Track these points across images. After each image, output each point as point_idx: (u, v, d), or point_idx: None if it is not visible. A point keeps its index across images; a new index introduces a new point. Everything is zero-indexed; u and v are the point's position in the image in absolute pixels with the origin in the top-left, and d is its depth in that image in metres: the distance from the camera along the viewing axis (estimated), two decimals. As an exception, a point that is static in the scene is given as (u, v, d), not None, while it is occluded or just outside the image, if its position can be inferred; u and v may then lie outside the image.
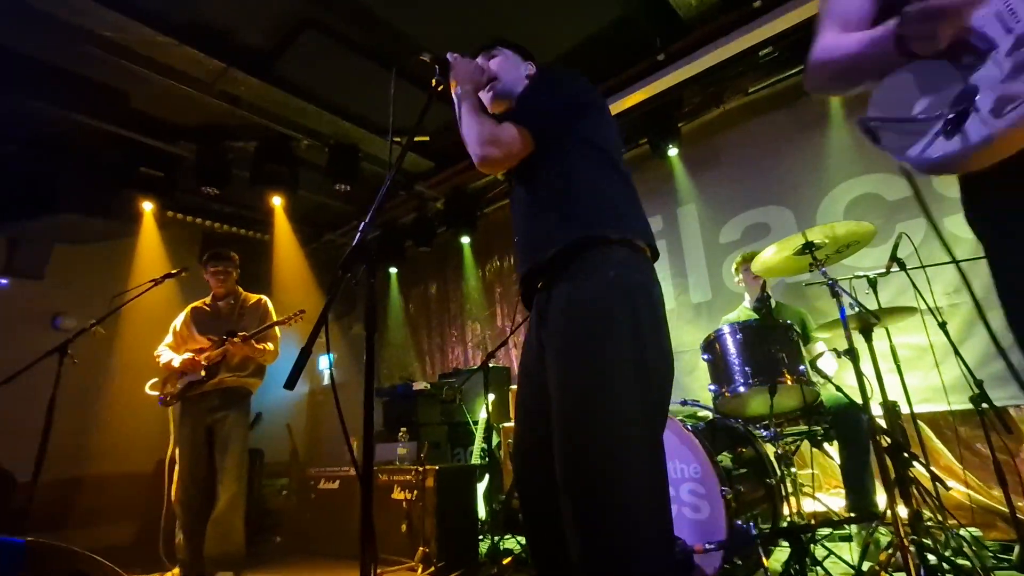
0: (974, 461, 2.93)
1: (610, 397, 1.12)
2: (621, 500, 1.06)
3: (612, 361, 1.14)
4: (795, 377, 2.23)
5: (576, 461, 1.11)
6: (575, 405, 1.15)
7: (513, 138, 1.33)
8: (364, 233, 1.23)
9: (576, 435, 1.13)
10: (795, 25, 3.33)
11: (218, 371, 3.09)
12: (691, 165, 4.39)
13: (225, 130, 4.38)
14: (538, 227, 1.35)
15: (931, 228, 3.28)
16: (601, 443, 1.10)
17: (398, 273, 6.58)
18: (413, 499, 3.26)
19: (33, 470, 2.38)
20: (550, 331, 1.26)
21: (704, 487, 2.01)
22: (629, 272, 1.23)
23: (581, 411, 1.14)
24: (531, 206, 1.39)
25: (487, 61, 1.59)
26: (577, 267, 1.24)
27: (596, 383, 1.13)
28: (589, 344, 1.16)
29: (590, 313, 1.19)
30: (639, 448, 1.10)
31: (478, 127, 1.35)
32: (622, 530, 1.05)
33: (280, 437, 5.40)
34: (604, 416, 1.11)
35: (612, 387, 1.12)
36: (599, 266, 1.23)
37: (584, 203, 1.30)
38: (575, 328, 1.20)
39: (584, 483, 1.09)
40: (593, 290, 1.20)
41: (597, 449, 1.10)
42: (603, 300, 1.19)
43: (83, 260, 4.93)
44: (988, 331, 1.18)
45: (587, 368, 1.15)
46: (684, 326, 4.16)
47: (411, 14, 3.48)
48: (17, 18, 3.14)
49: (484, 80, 1.52)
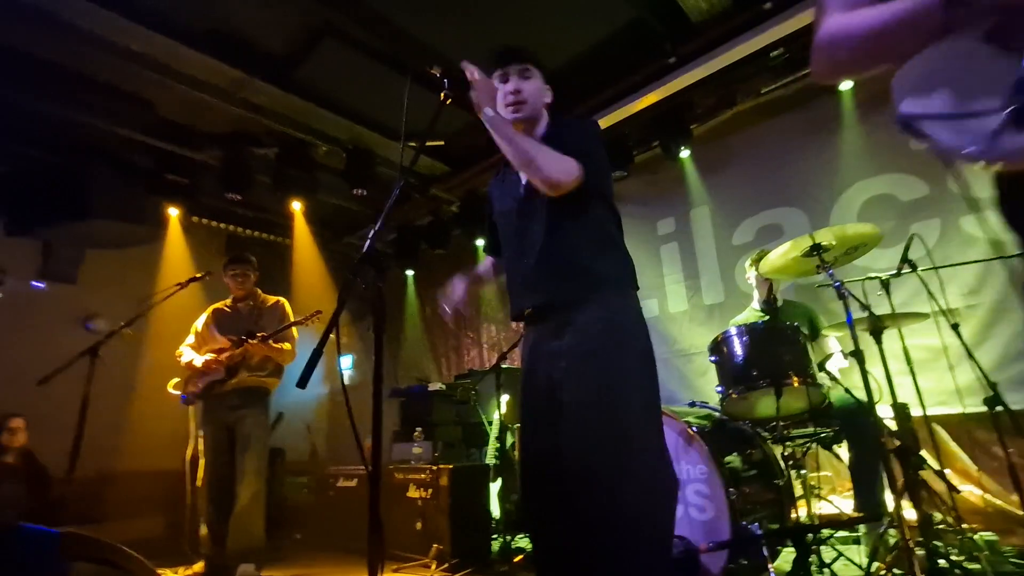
0: (991, 465, 2.89)
1: (630, 434, 1.34)
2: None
3: (632, 401, 1.37)
4: (802, 379, 2.23)
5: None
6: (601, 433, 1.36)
7: (575, 171, 1.45)
8: (373, 240, 1.30)
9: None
10: (806, 26, 3.32)
11: (238, 371, 3.19)
12: (703, 167, 4.39)
13: (247, 137, 4.52)
14: (564, 257, 1.50)
15: (947, 228, 3.25)
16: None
17: (415, 275, 6.67)
18: (428, 497, 3.34)
19: (68, 466, 2.51)
20: (573, 350, 1.42)
21: (709, 488, 2.03)
22: (638, 315, 1.51)
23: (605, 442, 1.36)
24: (563, 244, 1.51)
25: (521, 81, 1.59)
26: (596, 306, 1.45)
27: (620, 418, 1.35)
28: (611, 385, 1.37)
29: (611, 354, 1.39)
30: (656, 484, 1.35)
31: (546, 154, 1.45)
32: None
33: (301, 436, 5.54)
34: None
35: (631, 420, 1.34)
36: (615, 309, 1.46)
37: (612, 256, 1.53)
38: (599, 367, 1.38)
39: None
40: (610, 331, 1.41)
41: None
42: (622, 343, 1.42)
43: (113, 264, 5.12)
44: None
45: (609, 406, 1.35)
46: (696, 328, 4.17)
47: (426, 20, 3.55)
48: (51, 33, 3.29)
49: (522, 112, 1.58)
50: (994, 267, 3.03)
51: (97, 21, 3.24)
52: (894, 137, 3.52)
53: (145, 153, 4.44)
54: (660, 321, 4.41)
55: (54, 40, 3.40)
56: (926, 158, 3.40)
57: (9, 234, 4.71)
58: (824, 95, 3.72)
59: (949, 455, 3.00)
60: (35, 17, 3.17)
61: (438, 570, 2.99)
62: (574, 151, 1.47)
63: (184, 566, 3.19)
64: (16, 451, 3.79)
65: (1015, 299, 2.99)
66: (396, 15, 3.52)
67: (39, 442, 3.87)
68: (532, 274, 1.52)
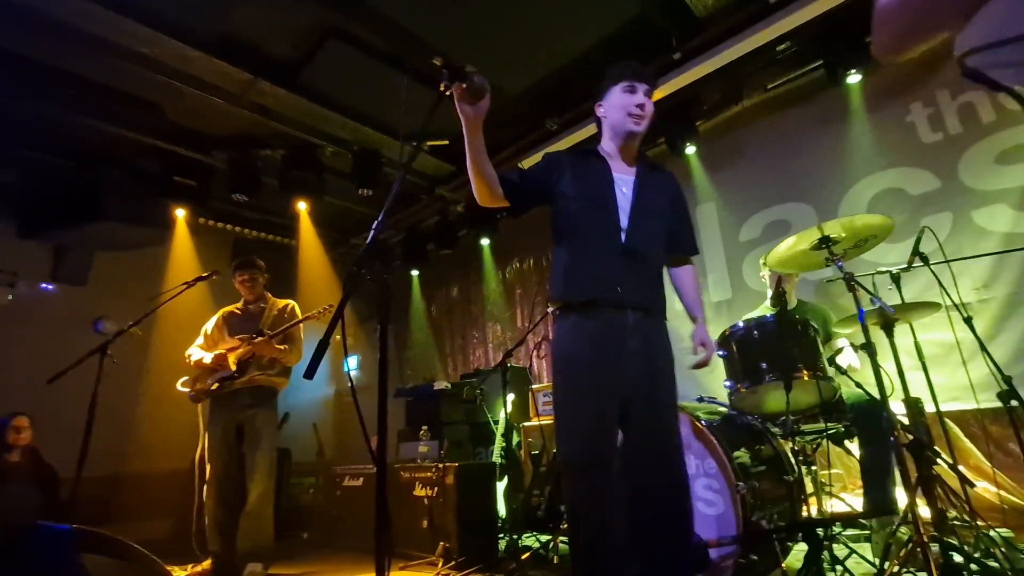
0: (1006, 461, 2.84)
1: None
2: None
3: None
4: (811, 372, 2.20)
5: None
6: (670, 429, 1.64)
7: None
8: (377, 232, 1.29)
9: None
10: (812, 19, 3.30)
11: (248, 369, 3.21)
12: (709, 163, 4.36)
13: (254, 139, 4.55)
14: (654, 279, 1.75)
15: (958, 222, 3.20)
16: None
17: (420, 276, 6.68)
18: (434, 496, 3.32)
19: (77, 466, 2.52)
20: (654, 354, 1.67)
21: (719, 482, 2.01)
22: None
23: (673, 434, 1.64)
24: (650, 261, 1.74)
25: (647, 100, 1.77)
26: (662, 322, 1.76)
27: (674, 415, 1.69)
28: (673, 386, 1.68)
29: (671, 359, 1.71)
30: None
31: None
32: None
33: (308, 437, 5.55)
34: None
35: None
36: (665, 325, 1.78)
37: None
38: (669, 368, 1.69)
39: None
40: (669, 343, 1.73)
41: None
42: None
43: (122, 267, 5.17)
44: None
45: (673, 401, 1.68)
46: (704, 325, 4.13)
47: (431, 20, 3.56)
48: (61, 38, 3.33)
49: (641, 127, 1.75)
50: (1007, 260, 2.98)
51: (108, 26, 3.28)
52: (904, 130, 3.51)
53: (154, 156, 4.48)
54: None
55: (66, 46, 3.44)
56: (936, 151, 3.37)
57: (21, 237, 4.76)
58: (831, 89, 3.69)
59: (963, 451, 2.96)
60: (47, 24, 3.21)
61: (445, 568, 2.98)
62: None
63: (192, 564, 3.20)
64: (21, 450, 3.82)
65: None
66: (401, 16, 3.53)
67: (48, 443, 3.90)
68: (622, 270, 1.66)
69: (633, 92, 1.72)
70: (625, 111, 1.70)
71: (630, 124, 1.70)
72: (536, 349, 5.21)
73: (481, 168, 1.60)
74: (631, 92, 1.72)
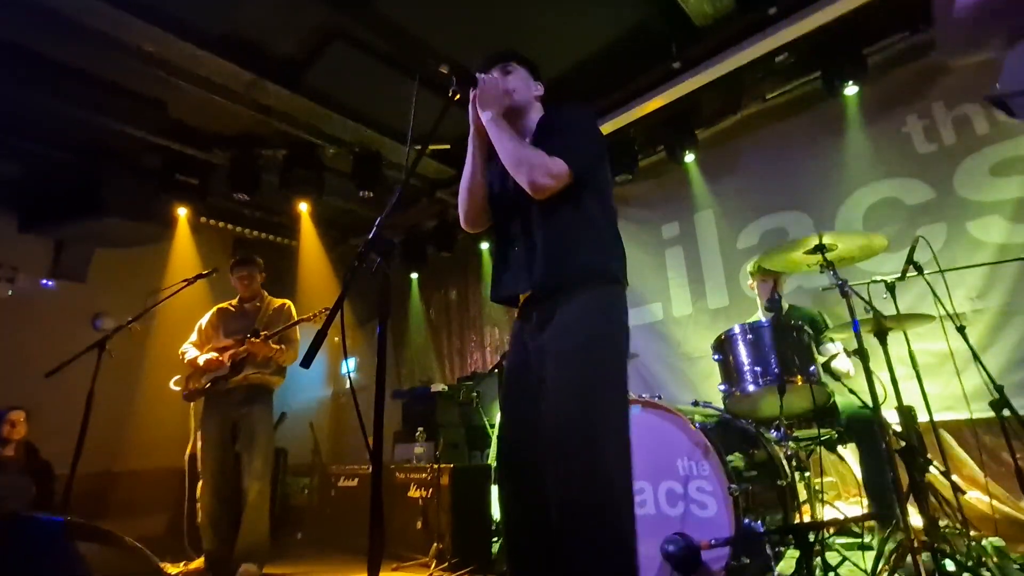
0: (999, 471, 2.86)
1: (599, 416, 1.36)
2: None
3: (607, 395, 1.40)
4: (805, 377, 2.22)
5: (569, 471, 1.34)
6: (569, 425, 1.37)
7: (564, 173, 1.47)
8: (380, 226, 1.31)
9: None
10: (811, 31, 3.34)
11: (243, 367, 3.21)
12: (708, 171, 4.40)
13: (256, 138, 4.58)
14: (555, 255, 1.50)
15: (953, 232, 3.24)
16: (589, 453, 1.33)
17: (419, 278, 6.70)
18: (428, 497, 3.33)
19: (72, 461, 2.52)
20: (548, 356, 1.45)
21: (711, 484, 2.02)
22: (620, 309, 1.52)
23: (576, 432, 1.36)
24: (548, 233, 1.52)
25: (504, 76, 1.66)
26: (579, 296, 1.47)
27: (588, 403, 1.38)
28: (590, 376, 1.40)
29: (597, 351, 1.42)
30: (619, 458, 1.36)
31: (532, 157, 1.48)
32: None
33: (304, 438, 5.54)
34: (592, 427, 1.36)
35: (599, 408, 1.37)
36: (597, 299, 1.47)
37: (600, 247, 1.53)
38: (581, 360, 1.41)
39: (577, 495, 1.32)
40: (592, 322, 1.44)
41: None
42: (609, 340, 1.45)
43: (121, 264, 5.17)
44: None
45: (586, 400, 1.38)
46: (701, 332, 4.15)
47: (435, 25, 3.61)
48: (66, 34, 3.36)
49: (507, 102, 1.60)
50: (1001, 271, 3.01)
51: (115, 23, 3.30)
52: (899, 141, 3.55)
53: (156, 153, 4.50)
54: (664, 324, 4.40)
55: (71, 42, 3.46)
56: (931, 162, 3.41)
57: (23, 231, 4.78)
58: (829, 99, 3.73)
59: (956, 461, 2.97)
60: (53, 20, 3.24)
61: (438, 569, 2.98)
62: (560, 148, 1.49)
63: (185, 562, 3.19)
64: (16, 443, 3.82)
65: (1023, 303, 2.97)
66: (405, 20, 3.57)
67: (44, 438, 3.89)
68: (519, 262, 1.55)
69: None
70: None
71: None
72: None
73: (474, 184, 1.64)
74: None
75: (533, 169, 1.46)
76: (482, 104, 1.54)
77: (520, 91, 1.66)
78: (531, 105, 1.69)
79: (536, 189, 1.47)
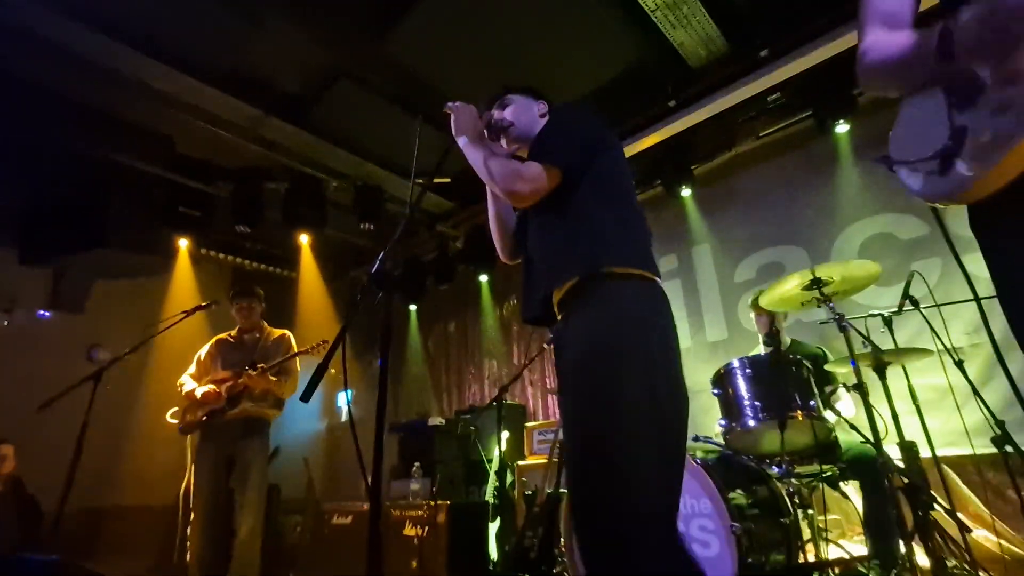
0: (1005, 510, 2.80)
1: (622, 437, 1.14)
2: (635, 553, 1.07)
3: (624, 399, 1.17)
4: (806, 413, 2.21)
5: (588, 499, 1.17)
6: (587, 441, 1.21)
7: (538, 174, 1.40)
8: (383, 261, 1.31)
9: (589, 471, 1.19)
10: (801, 72, 3.45)
11: (240, 400, 3.18)
12: (705, 205, 4.47)
13: (260, 172, 4.66)
14: (555, 258, 1.43)
15: (947, 267, 3.27)
16: (612, 475, 1.13)
17: (418, 310, 6.70)
18: (424, 535, 3.25)
19: (60, 497, 2.46)
20: (567, 365, 1.34)
21: (713, 523, 1.98)
22: (639, 306, 1.29)
23: (593, 449, 1.19)
24: (546, 237, 1.47)
25: (501, 111, 1.68)
26: (590, 301, 1.31)
27: (609, 424, 1.16)
28: (602, 382, 1.20)
29: (603, 349, 1.23)
30: (648, 480, 1.12)
31: (500, 165, 1.45)
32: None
33: (297, 474, 5.42)
34: (616, 455, 1.14)
35: (623, 427, 1.15)
36: (610, 300, 1.28)
37: (597, 238, 1.37)
38: (589, 365, 1.24)
39: (597, 523, 1.13)
40: (605, 325, 1.26)
41: (607, 478, 1.13)
42: (615, 335, 1.24)
43: (120, 295, 5.16)
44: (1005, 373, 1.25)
45: (599, 407, 1.19)
46: (700, 365, 4.13)
47: (437, 65, 3.73)
48: (79, 71, 3.45)
49: (483, 125, 1.61)
50: (997, 306, 3.02)
51: (127, 62, 3.41)
52: (890, 178, 3.61)
53: (160, 186, 4.56)
54: (663, 358, 4.37)
55: (85, 79, 3.56)
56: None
57: (23, 263, 4.79)
58: (821, 137, 3.83)
59: (962, 499, 2.92)
60: (69, 58, 3.33)
61: (434, 612, 2.88)
62: (542, 152, 1.45)
63: (172, 602, 3.09)
64: (4, 479, 3.74)
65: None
66: (409, 60, 3.69)
67: (34, 473, 3.81)
68: (531, 280, 1.51)
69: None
70: (492, 136, 1.71)
71: (507, 142, 1.71)
72: (541, 381, 5.18)
73: (497, 216, 1.66)
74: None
75: (505, 178, 1.43)
76: (456, 130, 1.57)
77: (520, 120, 1.66)
78: (537, 124, 1.68)
79: (514, 197, 1.45)
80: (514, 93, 1.72)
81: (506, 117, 1.66)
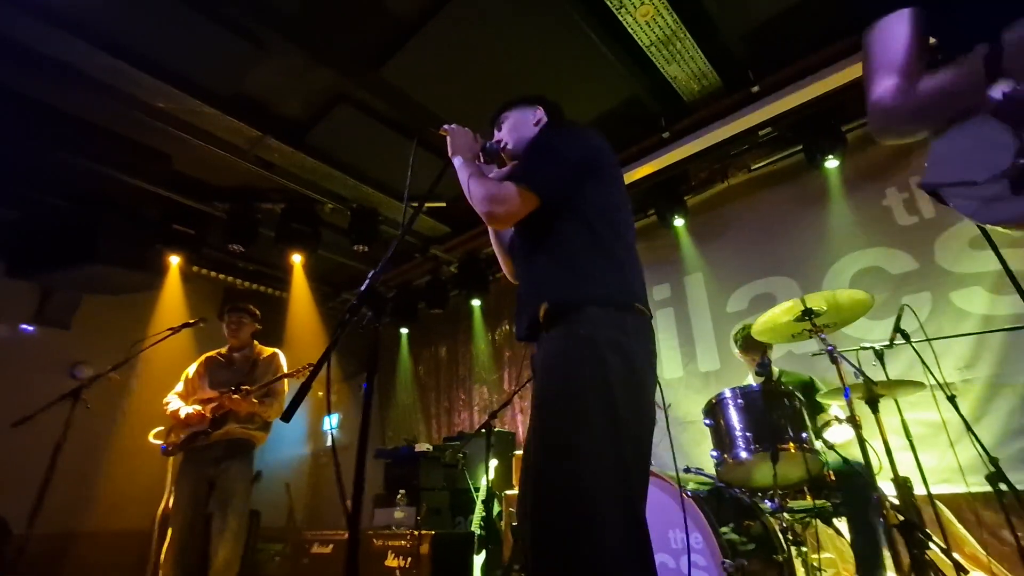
0: (1002, 551, 2.75)
1: (579, 458, 1.13)
2: (592, 566, 1.05)
3: (581, 420, 1.16)
4: (798, 445, 2.18)
5: (543, 520, 1.13)
6: (546, 465, 1.19)
7: (511, 195, 1.38)
8: (373, 280, 1.30)
9: (545, 494, 1.16)
10: (792, 108, 3.53)
11: (226, 422, 3.10)
12: (697, 236, 4.51)
13: (257, 192, 4.67)
14: (531, 284, 1.45)
15: (938, 302, 3.28)
16: (570, 502, 1.11)
17: (409, 334, 6.65)
18: (407, 567, 3.14)
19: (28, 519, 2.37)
20: (534, 395, 1.32)
21: (705, 559, 1.93)
22: (602, 329, 1.25)
23: (551, 471, 1.17)
24: (526, 261, 1.49)
25: (498, 132, 1.72)
26: (557, 329, 1.30)
27: (566, 443, 1.15)
28: (560, 403, 1.20)
29: (560, 373, 1.24)
30: (611, 508, 1.11)
31: (480, 187, 1.44)
32: None
33: (278, 501, 5.28)
34: (573, 476, 1.13)
35: (581, 447, 1.14)
36: (572, 330, 1.27)
37: (572, 267, 1.35)
38: (549, 387, 1.26)
39: (552, 543, 1.09)
40: (564, 349, 1.26)
41: (566, 507, 1.11)
42: (572, 359, 1.23)
43: (107, 311, 5.08)
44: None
45: (558, 426, 1.19)
46: (692, 395, 4.10)
47: (436, 92, 3.78)
48: (80, 87, 3.47)
49: (479, 148, 1.64)
50: (987, 341, 3.04)
51: (129, 80, 3.43)
52: (881, 213, 3.67)
53: (155, 203, 4.55)
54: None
55: (87, 97, 3.57)
56: (912, 234, 3.51)
57: (11, 277, 4.72)
58: (811, 171, 3.90)
59: (958, 539, 2.86)
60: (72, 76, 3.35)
61: (415, 649, 2.77)
62: (515, 174, 1.44)
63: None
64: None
65: (1011, 373, 2.98)
66: (408, 86, 3.74)
67: (3, 493, 3.68)
68: (520, 296, 1.49)
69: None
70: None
71: (510, 159, 1.75)
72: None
73: (500, 241, 1.71)
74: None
75: (482, 200, 1.41)
76: (451, 151, 1.60)
77: (514, 136, 1.68)
78: (531, 134, 1.69)
79: (489, 218, 1.43)
80: (510, 108, 1.75)
81: (500, 138, 1.69)
